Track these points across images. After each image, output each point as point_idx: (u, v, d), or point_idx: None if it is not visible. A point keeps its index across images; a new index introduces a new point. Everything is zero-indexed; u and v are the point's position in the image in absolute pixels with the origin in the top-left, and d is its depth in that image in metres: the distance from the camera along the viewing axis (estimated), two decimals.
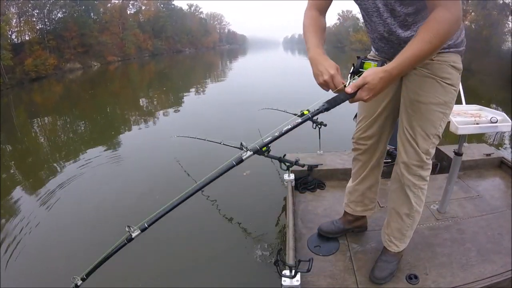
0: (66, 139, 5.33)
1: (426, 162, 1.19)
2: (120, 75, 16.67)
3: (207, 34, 53.01)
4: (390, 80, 0.90)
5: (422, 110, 1.13)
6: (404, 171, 1.21)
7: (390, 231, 1.33)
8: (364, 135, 1.36)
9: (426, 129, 1.15)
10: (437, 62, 1.10)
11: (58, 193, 3.02)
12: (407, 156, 1.19)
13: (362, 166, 1.42)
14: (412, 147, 1.18)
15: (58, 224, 2.51)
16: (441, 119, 1.14)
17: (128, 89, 11.53)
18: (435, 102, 1.12)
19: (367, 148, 1.37)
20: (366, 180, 1.44)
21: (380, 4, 1.05)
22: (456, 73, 1.12)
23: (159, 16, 34.47)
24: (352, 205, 1.52)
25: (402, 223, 1.29)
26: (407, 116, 1.18)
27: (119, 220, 2.46)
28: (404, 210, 1.27)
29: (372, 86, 0.89)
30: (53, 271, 1.96)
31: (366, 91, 0.90)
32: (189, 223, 2.43)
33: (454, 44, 1.10)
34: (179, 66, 20.72)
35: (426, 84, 1.12)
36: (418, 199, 1.25)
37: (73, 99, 9.65)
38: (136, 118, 6.58)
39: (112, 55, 23.90)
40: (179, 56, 30.69)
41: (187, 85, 10.95)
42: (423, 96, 1.12)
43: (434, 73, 1.10)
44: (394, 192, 1.29)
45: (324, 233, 1.60)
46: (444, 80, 1.10)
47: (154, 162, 3.75)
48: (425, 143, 1.16)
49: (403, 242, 1.33)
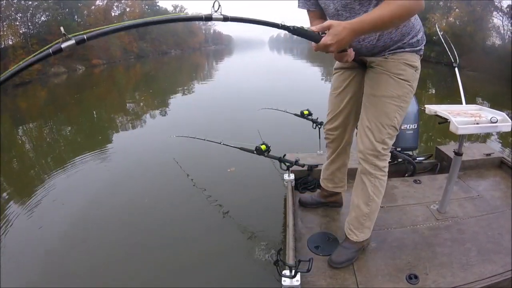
0: (53, 144, 5.11)
1: (381, 152, 1.28)
2: (105, 78, 16.46)
3: (193, 35, 52.43)
4: (351, 32, 0.97)
5: (377, 103, 1.25)
6: (361, 159, 1.33)
7: (350, 220, 1.44)
8: (330, 126, 1.55)
9: (381, 120, 1.25)
10: (391, 60, 1.22)
11: (46, 197, 2.93)
12: (363, 146, 1.30)
13: (332, 152, 1.64)
14: (367, 137, 1.28)
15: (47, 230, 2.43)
16: (396, 111, 1.24)
17: (114, 92, 11.34)
18: (388, 95, 1.23)
19: (335, 138, 1.58)
20: (335, 162, 1.66)
21: (338, 6, 1.18)
22: (411, 70, 1.23)
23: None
24: (325, 182, 1.76)
25: (359, 211, 1.38)
26: (365, 109, 1.31)
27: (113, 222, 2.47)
28: (362, 198, 1.37)
29: (336, 32, 0.96)
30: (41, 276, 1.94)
31: (330, 36, 0.96)
32: (189, 223, 2.43)
33: (409, 43, 1.21)
34: (165, 68, 20.48)
35: (381, 79, 1.24)
36: (375, 188, 1.34)
37: (58, 103, 9.38)
38: (126, 120, 6.41)
39: (97, 58, 23.28)
40: (165, 58, 30.40)
41: (174, 86, 10.73)
42: (378, 90, 1.25)
43: (388, 69, 1.22)
44: (355, 184, 1.41)
45: (303, 204, 1.86)
46: (397, 76, 1.22)
47: (152, 162, 3.72)
48: (380, 133, 1.26)
49: (361, 232, 1.41)
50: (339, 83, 1.47)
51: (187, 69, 19.88)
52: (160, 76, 16.08)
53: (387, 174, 1.35)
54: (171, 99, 8.36)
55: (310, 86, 9.61)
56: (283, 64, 20.26)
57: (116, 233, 2.34)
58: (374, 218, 1.41)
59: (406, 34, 1.20)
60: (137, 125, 5.90)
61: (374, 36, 1.20)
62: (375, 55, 1.26)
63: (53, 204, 2.80)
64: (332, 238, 1.59)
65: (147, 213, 2.58)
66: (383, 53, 1.23)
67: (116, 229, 2.40)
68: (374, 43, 1.21)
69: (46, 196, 2.95)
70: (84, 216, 2.59)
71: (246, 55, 34.57)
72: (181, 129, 4.33)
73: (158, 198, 2.78)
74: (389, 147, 1.30)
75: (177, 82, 12.90)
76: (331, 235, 1.62)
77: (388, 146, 1.29)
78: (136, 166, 3.61)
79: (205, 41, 62.89)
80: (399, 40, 1.20)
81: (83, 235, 2.33)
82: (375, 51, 1.24)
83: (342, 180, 1.74)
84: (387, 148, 1.29)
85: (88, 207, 2.73)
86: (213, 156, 3.45)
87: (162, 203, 2.71)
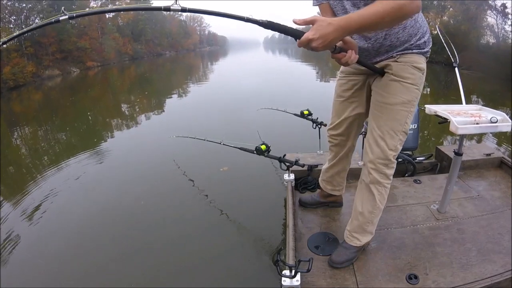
0: (48, 148, 5.02)
1: (391, 160, 1.29)
2: (100, 81, 16.31)
3: (187, 37, 52.30)
4: (338, 29, 0.90)
5: (389, 111, 1.25)
6: (371, 169, 1.31)
7: (351, 228, 1.43)
8: (334, 132, 1.57)
9: (393, 127, 1.25)
10: (400, 63, 1.21)
11: (43, 200, 2.87)
12: (374, 155, 1.29)
13: (334, 155, 1.65)
14: (379, 146, 1.27)
15: (43, 233, 2.40)
16: (406, 116, 1.25)
17: (109, 94, 11.26)
18: (399, 102, 1.22)
19: (337, 143, 1.59)
20: (335, 166, 1.68)
21: (347, 5, 1.16)
22: (418, 73, 1.22)
23: (138, 20, 33.65)
24: (324, 183, 1.78)
25: (363, 219, 1.38)
26: (375, 117, 1.29)
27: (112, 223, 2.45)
28: (368, 207, 1.36)
29: (320, 27, 0.89)
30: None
31: (313, 30, 0.89)
32: (189, 223, 2.42)
33: (416, 44, 1.20)
34: (160, 70, 20.32)
35: (391, 86, 1.23)
36: (381, 197, 1.35)
37: (53, 106, 9.22)
38: (123, 122, 6.38)
39: (92, 60, 23.16)
40: (160, 59, 30.11)
41: (169, 88, 10.72)
42: (388, 98, 1.24)
43: (397, 74, 1.21)
44: (359, 191, 1.40)
45: (303, 204, 1.87)
46: (406, 81, 1.21)
47: (152, 162, 3.69)
48: (392, 140, 1.26)
49: (364, 236, 1.41)
50: (342, 92, 1.46)
51: (183, 70, 19.78)
52: (155, 78, 15.97)
53: (391, 181, 1.36)
54: (168, 100, 8.33)
55: (307, 86, 9.62)
56: (279, 64, 20.18)
57: (115, 233, 2.32)
58: (377, 222, 1.42)
59: (413, 34, 1.18)
60: (136, 126, 5.88)
61: (381, 35, 1.18)
62: (382, 55, 1.24)
63: (50, 205, 2.78)
64: (332, 238, 1.59)
65: (146, 214, 2.56)
66: (390, 53, 1.22)
67: (115, 229, 2.38)
68: (381, 41, 1.19)
69: (41, 198, 2.92)
70: (82, 217, 2.57)
71: (241, 56, 34.56)
72: (180, 129, 4.29)
73: (158, 199, 2.77)
74: (398, 152, 1.30)
75: (172, 83, 12.86)
76: (331, 235, 1.62)
77: (397, 152, 1.29)
78: (136, 167, 3.59)
79: (200, 42, 62.70)
80: (406, 41, 1.19)
81: (81, 237, 2.31)
82: (381, 50, 1.22)
83: (340, 184, 1.75)
84: (396, 155, 1.29)
85: (87, 207, 2.71)
86: (213, 156, 3.43)
87: (161, 204, 2.69)
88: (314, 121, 2.49)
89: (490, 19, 14.20)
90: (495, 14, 13.90)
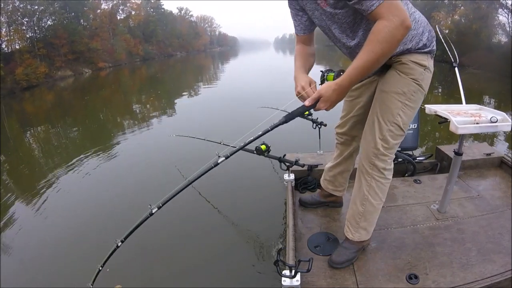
0: (60, 147, 5.20)
1: (380, 151, 1.26)
2: (112, 81, 16.51)
3: (198, 37, 52.90)
4: (342, 90, 1.05)
5: (383, 98, 1.25)
6: (362, 157, 1.33)
7: (348, 216, 1.45)
8: (340, 130, 1.60)
9: (383, 115, 1.25)
10: (400, 60, 1.21)
11: (53, 198, 2.99)
12: (365, 143, 1.31)
13: (339, 153, 1.65)
14: (371, 133, 1.28)
15: (53, 230, 2.49)
16: (400, 108, 1.23)
17: (120, 94, 11.44)
18: (393, 91, 1.22)
19: (343, 141, 1.61)
20: (339, 165, 1.67)
21: (336, 32, 1.19)
22: (419, 68, 1.21)
23: (149, 21, 34.20)
24: (325, 183, 1.77)
25: (356, 209, 1.39)
26: (373, 105, 1.31)
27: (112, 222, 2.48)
28: (358, 196, 1.37)
29: (327, 98, 1.06)
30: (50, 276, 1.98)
31: (323, 102, 1.07)
32: (189, 223, 2.45)
33: (415, 48, 1.19)
34: (171, 70, 20.48)
35: (387, 75, 1.25)
36: (370, 188, 1.32)
37: (65, 106, 9.47)
38: (131, 122, 6.49)
39: (103, 61, 23.66)
40: (171, 60, 30.41)
41: (180, 88, 10.83)
42: (385, 85, 1.26)
43: (397, 68, 1.23)
44: (355, 180, 1.41)
45: (303, 204, 1.86)
46: (404, 73, 1.21)
47: (152, 162, 3.75)
48: (381, 128, 1.25)
49: (357, 232, 1.40)
50: (351, 91, 1.45)
51: (193, 71, 19.91)
52: (166, 78, 16.12)
53: (388, 178, 1.32)
54: (178, 100, 8.48)
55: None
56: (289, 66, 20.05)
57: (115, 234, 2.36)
58: (371, 220, 1.39)
59: (408, 42, 1.17)
60: (141, 125, 5.97)
61: None
62: None
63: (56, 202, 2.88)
64: (332, 238, 1.59)
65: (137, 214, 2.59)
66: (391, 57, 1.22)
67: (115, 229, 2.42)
68: None
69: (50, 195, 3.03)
70: (82, 216, 2.64)
71: (251, 56, 34.59)
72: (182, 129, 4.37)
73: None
74: (391, 147, 1.26)
75: (182, 84, 12.96)
76: (331, 235, 1.62)
77: (389, 146, 1.25)
78: (136, 167, 3.66)
79: (210, 43, 63.11)
80: (403, 48, 1.18)
81: (82, 235, 2.37)
82: None
83: (342, 185, 1.74)
84: (388, 148, 1.26)
85: (86, 208, 2.77)
86: (212, 156, 3.45)
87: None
88: (314, 121, 2.48)
89: (501, 18, 13.97)
90: (506, 12, 13.65)
